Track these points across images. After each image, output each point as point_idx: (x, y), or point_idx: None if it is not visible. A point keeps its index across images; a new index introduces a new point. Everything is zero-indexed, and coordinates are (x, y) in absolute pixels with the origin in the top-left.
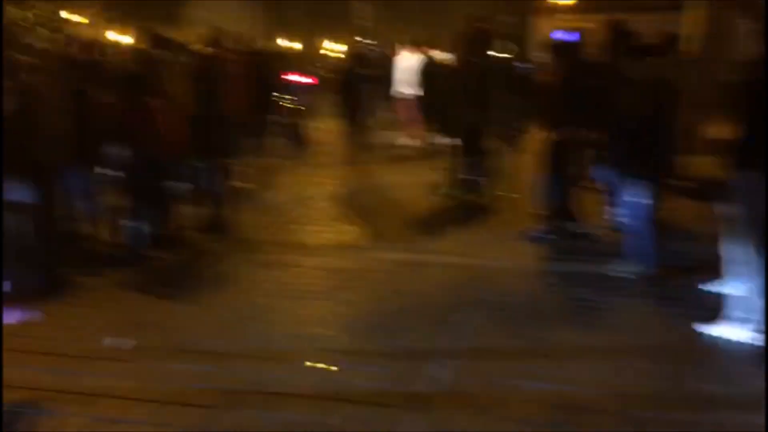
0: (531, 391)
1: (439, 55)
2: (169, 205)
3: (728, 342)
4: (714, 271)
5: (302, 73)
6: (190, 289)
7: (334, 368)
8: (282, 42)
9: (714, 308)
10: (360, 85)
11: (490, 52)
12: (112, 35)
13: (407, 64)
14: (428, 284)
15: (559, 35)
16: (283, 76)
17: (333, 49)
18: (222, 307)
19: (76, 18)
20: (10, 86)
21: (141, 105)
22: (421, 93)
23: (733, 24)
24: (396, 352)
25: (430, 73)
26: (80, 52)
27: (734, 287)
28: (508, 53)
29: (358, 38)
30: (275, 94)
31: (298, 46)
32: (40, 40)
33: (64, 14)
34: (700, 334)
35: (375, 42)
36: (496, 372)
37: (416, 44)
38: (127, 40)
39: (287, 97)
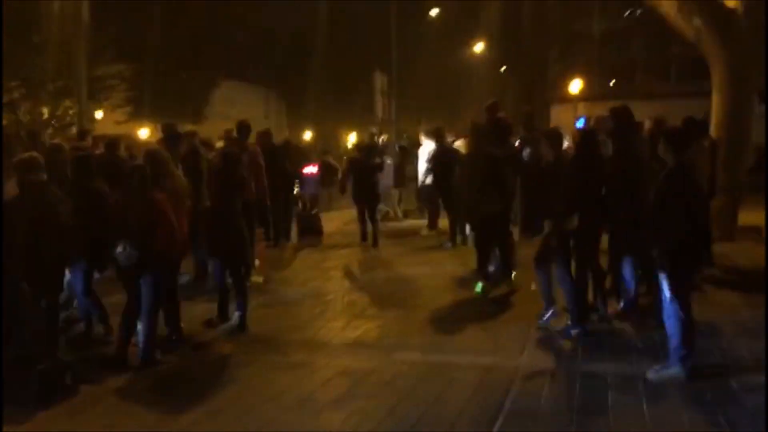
0: None
1: (459, 143)
2: (176, 304)
3: None
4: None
5: (318, 164)
6: (195, 396)
7: None
8: (306, 133)
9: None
10: (369, 174)
11: (508, 141)
12: (143, 133)
13: (428, 152)
14: (448, 389)
15: (581, 123)
16: (300, 168)
17: (354, 140)
18: (226, 419)
19: (103, 115)
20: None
21: (146, 200)
22: (438, 181)
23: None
24: None
25: (446, 161)
26: (104, 150)
27: None
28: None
29: (372, 129)
30: (292, 184)
31: (319, 136)
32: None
33: (98, 114)
34: None
35: (379, 132)
36: None
37: (434, 133)
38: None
39: (303, 187)
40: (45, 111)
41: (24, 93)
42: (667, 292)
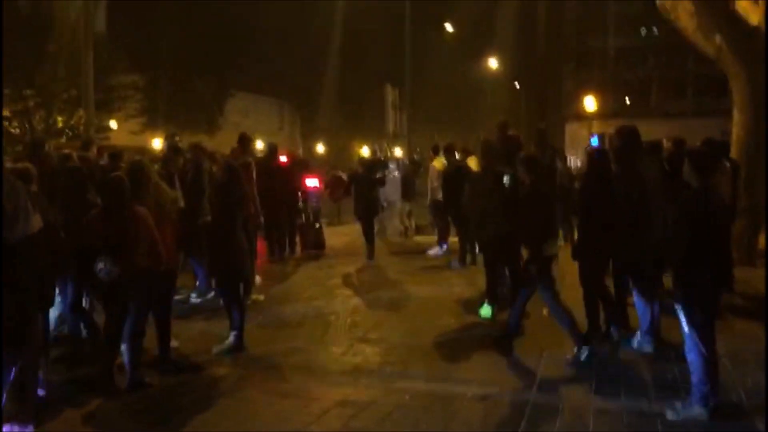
0: None
1: (471, 161)
2: (166, 323)
3: None
4: None
5: (327, 178)
6: (183, 425)
7: None
8: (318, 146)
9: None
10: (370, 188)
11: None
12: (156, 143)
13: (439, 169)
14: (453, 423)
15: (595, 142)
16: (303, 181)
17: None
18: None
19: (117, 126)
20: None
21: (124, 213)
22: (448, 199)
23: None
24: None
25: (456, 179)
26: (108, 161)
27: None
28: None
29: (375, 146)
30: (296, 198)
31: (332, 149)
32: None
33: (113, 124)
34: None
35: (388, 147)
36: None
37: (445, 150)
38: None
39: (307, 201)
40: (59, 120)
41: (39, 101)
42: (684, 325)
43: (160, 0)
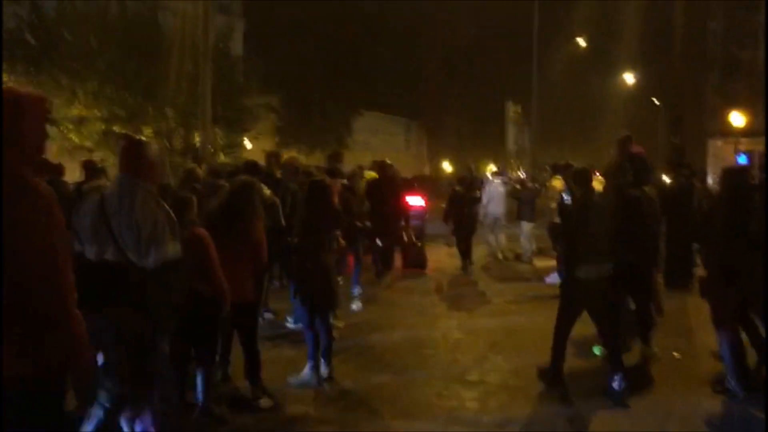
0: None
1: (596, 182)
2: (253, 354)
3: None
4: None
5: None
6: None
7: None
8: (443, 163)
9: None
10: (467, 205)
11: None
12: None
13: (559, 189)
14: None
15: (743, 160)
16: (405, 200)
17: (488, 170)
18: None
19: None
20: None
21: (183, 234)
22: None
23: None
24: None
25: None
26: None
27: None
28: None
29: (470, 164)
30: (398, 216)
31: (459, 167)
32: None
33: (247, 143)
34: None
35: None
36: None
37: (563, 168)
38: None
39: (409, 219)
40: (197, 138)
41: (179, 121)
42: None
43: (293, 23)
